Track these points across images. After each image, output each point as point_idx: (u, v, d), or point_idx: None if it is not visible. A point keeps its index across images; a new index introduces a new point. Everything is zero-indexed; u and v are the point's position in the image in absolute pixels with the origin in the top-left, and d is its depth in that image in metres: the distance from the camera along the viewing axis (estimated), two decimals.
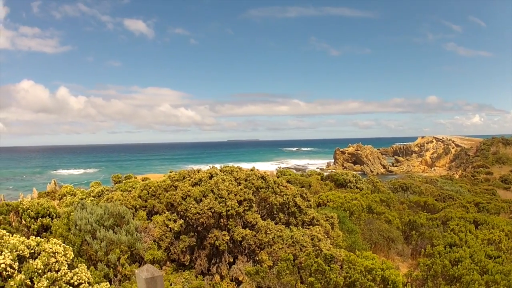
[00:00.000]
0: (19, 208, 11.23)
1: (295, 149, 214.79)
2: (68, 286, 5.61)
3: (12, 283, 5.04)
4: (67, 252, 5.86)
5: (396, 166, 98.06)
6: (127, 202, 12.48)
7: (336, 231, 10.84)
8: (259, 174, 10.07)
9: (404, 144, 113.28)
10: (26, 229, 10.51)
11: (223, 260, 9.23)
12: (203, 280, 9.32)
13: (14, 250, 5.55)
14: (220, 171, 10.17)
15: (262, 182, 9.74)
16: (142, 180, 22.21)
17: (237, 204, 8.74)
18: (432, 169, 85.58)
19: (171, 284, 8.87)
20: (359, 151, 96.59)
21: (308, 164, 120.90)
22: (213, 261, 9.39)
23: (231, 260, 9.32)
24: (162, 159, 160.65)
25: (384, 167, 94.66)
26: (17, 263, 5.35)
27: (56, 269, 5.63)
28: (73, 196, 25.71)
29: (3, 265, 5.15)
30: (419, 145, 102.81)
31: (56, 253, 5.71)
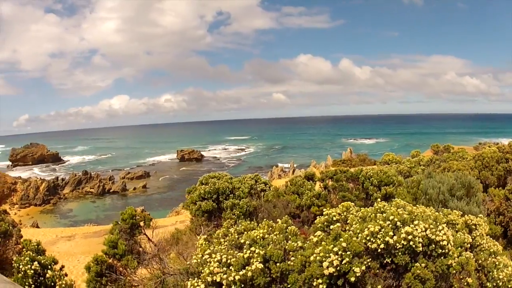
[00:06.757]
0: (359, 176, 11.15)
1: None
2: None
3: (450, 261, 4.37)
4: (483, 224, 5.43)
5: None
6: (465, 172, 11.99)
7: None
8: None
9: None
10: (364, 197, 10.42)
11: None
12: None
13: (435, 223, 4.77)
14: None
15: None
16: (461, 150, 24.15)
17: None
18: None
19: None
20: None
21: None
22: None
23: None
24: (445, 132, 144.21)
25: None
26: (451, 237, 4.64)
27: (479, 243, 5.18)
28: (398, 164, 27.18)
29: (418, 239, 4.44)
30: None
31: (477, 225, 5.29)
